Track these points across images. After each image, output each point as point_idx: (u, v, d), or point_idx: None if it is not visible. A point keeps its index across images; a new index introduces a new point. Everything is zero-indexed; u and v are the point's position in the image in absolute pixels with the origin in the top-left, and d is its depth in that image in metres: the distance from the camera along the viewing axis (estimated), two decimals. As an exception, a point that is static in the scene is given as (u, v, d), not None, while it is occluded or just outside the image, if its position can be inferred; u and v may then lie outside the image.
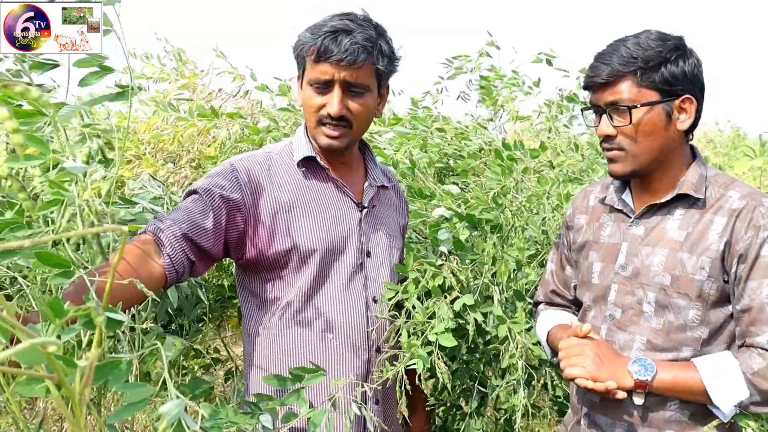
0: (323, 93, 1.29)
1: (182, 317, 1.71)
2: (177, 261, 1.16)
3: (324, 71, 1.26)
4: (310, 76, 1.28)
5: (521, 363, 1.49)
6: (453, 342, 1.33)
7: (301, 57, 1.30)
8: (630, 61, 1.19)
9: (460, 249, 1.54)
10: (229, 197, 1.25)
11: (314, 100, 1.30)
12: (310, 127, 1.34)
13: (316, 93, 1.29)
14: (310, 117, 1.32)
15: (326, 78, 1.26)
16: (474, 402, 1.72)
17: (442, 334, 1.34)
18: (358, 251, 1.38)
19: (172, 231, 1.17)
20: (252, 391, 1.34)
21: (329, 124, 1.30)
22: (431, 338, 1.34)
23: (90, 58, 0.95)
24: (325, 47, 1.24)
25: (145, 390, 0.72)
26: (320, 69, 1.26)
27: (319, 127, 1.31)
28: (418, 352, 1.33)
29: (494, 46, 2.29)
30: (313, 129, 1.33)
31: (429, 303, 1.41)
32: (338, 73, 1.26)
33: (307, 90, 1.31)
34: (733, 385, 1.14)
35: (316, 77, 1.27)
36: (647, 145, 1.22)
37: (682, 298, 1.21)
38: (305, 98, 1.32)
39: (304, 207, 1.33)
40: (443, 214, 1.71)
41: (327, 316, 1.32)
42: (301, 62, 1.32)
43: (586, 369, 1.19)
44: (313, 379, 1.08)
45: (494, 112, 2.31)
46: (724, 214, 1.20)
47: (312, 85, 1.29)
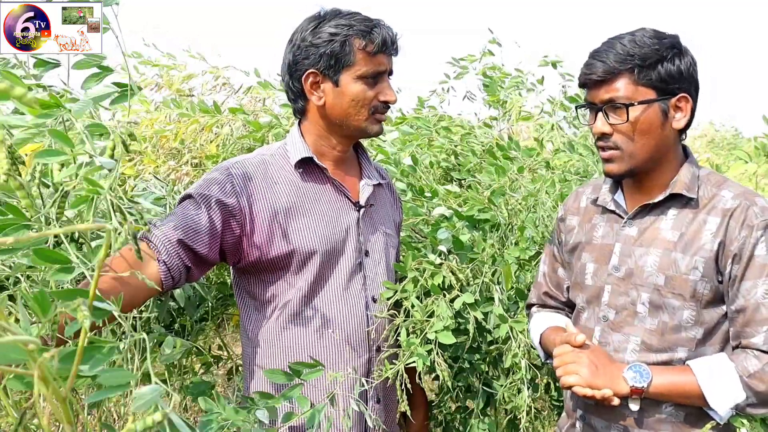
0: (373, 84, 1.32)
1: (184, 317, 1.71)
2: (173, 267, 1.18)
3: (381, 62, 1.31)
4: (365, 70, 1.30)
5: (524, 362, 1.49)
6: (452, 339, 1.34)
7: (345, 54, 1.29)
8: (627, 58, 1.19)
9: (460, 248, 1.54)
10: (224, 202, 1.25)
11: (368, 93, 1.32)
12: (359, 120, 1.34)
13: (367, 86, 1.31)
14: (362, 110, 1.33)
15: (383, 69, 1.32)
16: (480, 402, 1.72)
17: (441, 332, 1.34)
18: (357, 251, 1.39)
19: (167, 237, 1.18)
20: (252, 390, 1.35)
21: (382, 111, 1.35)
22: (430, 336, 1.34)
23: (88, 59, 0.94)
24: (384, 40, 1.29)
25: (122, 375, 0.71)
26: (378, 61, 1.31)
27: (372, 116, 1.34)
28: (418, 351, 1.33)
29: (496, 44, 2.29)
30: (363, 121, 1.34)
31: (428, 301, 1.40)
32: (389, 63, 1.34)
33: (356, 84, 1.31)
34: (729, 387, 1.14)
35: (374, 69, 1.31)
36: (643, 144, 1.22)
37: (676, 299, 1.21)
38: (356, 93, 1.31)
39: (302, 209, 1.34)
40: (443, 213, 1.71)
41: (327, 317, 1.33)
42: (342, 58, 1.29)
43: (582, 377, 1.19)
44: (312, 374, 1.08)
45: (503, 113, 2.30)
46: (717, 213, 1.20)
47: (365, 78, 1.30)
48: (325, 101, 1.33)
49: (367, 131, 1.36)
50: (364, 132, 1.36)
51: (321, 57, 1.29)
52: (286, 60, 1.35)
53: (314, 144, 1.38)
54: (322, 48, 1.29)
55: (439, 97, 2.43)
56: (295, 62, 1.32)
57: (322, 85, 1.32)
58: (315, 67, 1.30)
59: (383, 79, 1.33)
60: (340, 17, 1.30)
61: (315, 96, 1.33)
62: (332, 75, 1.30)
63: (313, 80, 1.32)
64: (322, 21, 1.30)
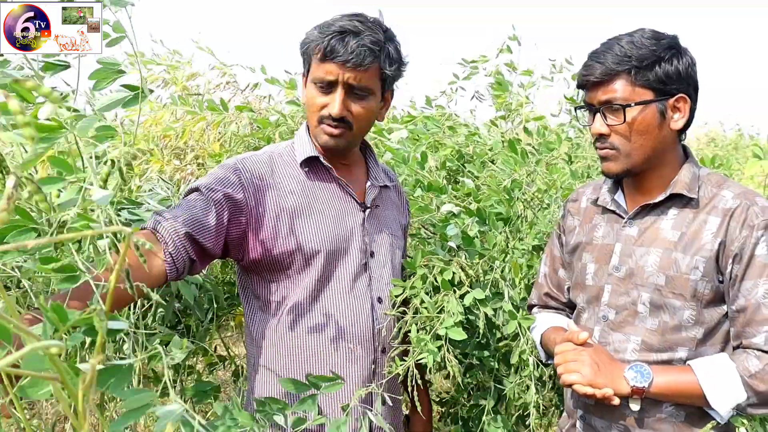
0: (326, 93, 1.30)
1: (189, 318, 1.70)
2: (178, 259, 1.18)
3: (329, 71, 1.27)
4: (315, 75, 1.29)
5: (532, 359, 1.48)
6: (463, 335, 1.34)
7: (308, 55, 1.31)
8: (624, 59, 1.20)
9: (469, 244, 1.53)
10: (232, 196, 1.26)
11: (317, 100, 1.31)
12: (312, 126, 1.36)
13: (319, 92, 1.30)
14: (312, 116, 1.34)
15: (330, 78, 1.27)
16: (491, 400, 1.71)
17: (452, 328, 1.33)
18: (362, 252, 1.39)
19: (175, 228, 1.18)
20: (257, 392, 1.36)
21: (329, 123, 1.31)
22: (440, 333, 1.34)
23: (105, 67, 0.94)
24: (332, 47, 1.24)
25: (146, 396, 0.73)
26: (325, 68, 1.27)
27: (319, 125, 1.33)
28: (428, 347, 1.32)
29: (516, 41, 2.28)
30: (314, 128, 1.35)
31: (437, 297, 1.40)
32: (342, 75, 1.26)
33: (311, 88, 1.32)
34: (730, 388, 1.15)
35: (321, 76, 1.28)
36: (641, 144, 1.24)
37: (677, 299, 1.22)
38: (309, 96, 1.33)
39: (307, 208, 1.34)
40: (451, 210, 1.70)
41: (332, 317, 1.34)
42: (307, 60, 1.33)
43: (584, 375, 1.20)
44: (330, 388, 1.06)
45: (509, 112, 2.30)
46: (717, 213, 1.21)
47: (316, 83, 1.30)
48: None
49: (317, 138, 1.35)
50: (317, 139, 1.36)
51: (302, 57, 1.34)
52: None
53: None
54: (302, 48, 1.33)
55: (448, 97, 2.43)
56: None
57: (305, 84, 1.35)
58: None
59: (335, 89, 1.28)
60: (331, 21, 1.29)
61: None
62: (306, 75, 1.34)
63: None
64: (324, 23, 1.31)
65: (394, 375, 1.35)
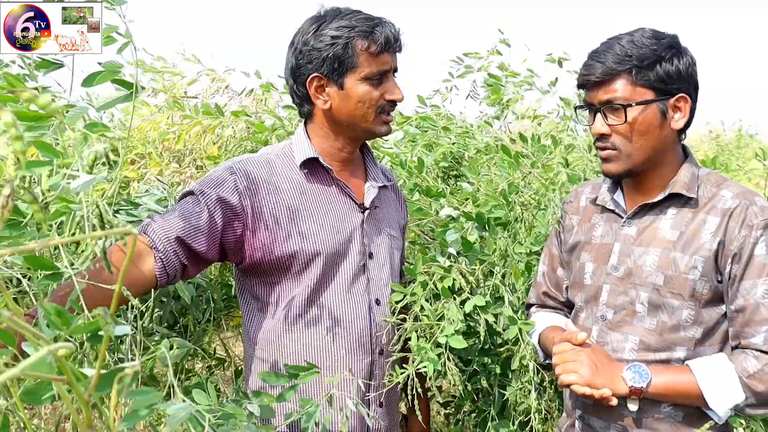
0: (378, 84, 1.32)
1: (187, 318, 1.70)
2: (169, 264, 1.19)
3: (385, 62, 1.31)
4: (370, 71, 1.29)
5: (532, 364, 1.48)
6: (464, 344, 1.34)
7: (346, 58, 1.28)
8: (625, 59, 1.21)
9: (468, 249, 1.53)
10: (226, 200, 1.26)
11: (374, 93, 1.31)
12: (367, 121, 1.34)
13: (372, 86, 1.31)
14: (368, 112, 1.32)
15: (387, 68, 1.31)
16: (496, 406, 1.71)
17: (452, 336, 1.33)
18: (361, 253, 1.39)
19: (165, 233, 1.19)
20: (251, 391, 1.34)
21: (389, 111, 1.35)
22: (441, 341, 1.33)
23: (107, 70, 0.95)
24: (386, 38, 1.29)
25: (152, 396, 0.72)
26: (382, 60, 1.30)
27: (379, 116, 1.34)
28: (428, 355, 1.32)
29: (505, 44, 2.28)
30: (371, 122, 1.34)
31: (438, 305, 1.39)
32: (393, 61, 1.33)
33: (361, 86, 1.30)
34: (728, 388, 1.16)
35: (378, 70, 1.30)
36: (642, 144, 1.24)
37: (676, 298, 1.23)
38: (361, 94, 1.30)
39: (307, 209, 1.35)
40: (450, 214, 1.70)
41: (329, 318, 1.35)
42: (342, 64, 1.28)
43: (582, 376, 1.20)
44: (307, 377, 1.09)
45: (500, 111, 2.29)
46: (717, 213, 1.22)
47: (371, 79, 1.30)
48: (331, 105, 1.33)
49: (374, 132, 1.37)
50: (371, 133, 1.37)
51: (324, 61, 1.29)
52: (289, 64, 1.36)
53: (320, 145, 1.39)
54: (324, 52, 1.28)
55: (442, 96, 2.42)
56: (298, 66, 1.33)
57: (327, 88, 1.32)
58: (318, 71, 1.30)
59: (388, 77, 1.33)
60: (341, 18, 1.29)
61: (320, 100, 1.33)
62: (336, 78, 1.30)
63: (317, 84, 1.32)
64: (323, 23, 1.30)
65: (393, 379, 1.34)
